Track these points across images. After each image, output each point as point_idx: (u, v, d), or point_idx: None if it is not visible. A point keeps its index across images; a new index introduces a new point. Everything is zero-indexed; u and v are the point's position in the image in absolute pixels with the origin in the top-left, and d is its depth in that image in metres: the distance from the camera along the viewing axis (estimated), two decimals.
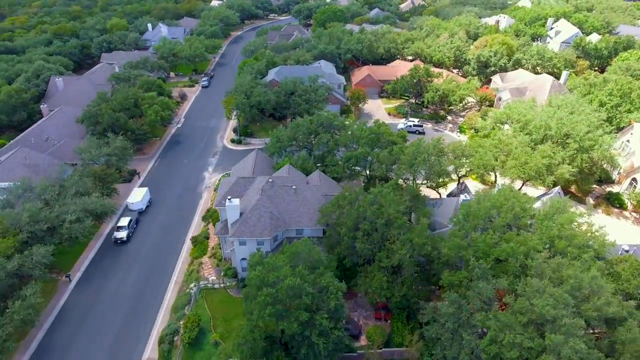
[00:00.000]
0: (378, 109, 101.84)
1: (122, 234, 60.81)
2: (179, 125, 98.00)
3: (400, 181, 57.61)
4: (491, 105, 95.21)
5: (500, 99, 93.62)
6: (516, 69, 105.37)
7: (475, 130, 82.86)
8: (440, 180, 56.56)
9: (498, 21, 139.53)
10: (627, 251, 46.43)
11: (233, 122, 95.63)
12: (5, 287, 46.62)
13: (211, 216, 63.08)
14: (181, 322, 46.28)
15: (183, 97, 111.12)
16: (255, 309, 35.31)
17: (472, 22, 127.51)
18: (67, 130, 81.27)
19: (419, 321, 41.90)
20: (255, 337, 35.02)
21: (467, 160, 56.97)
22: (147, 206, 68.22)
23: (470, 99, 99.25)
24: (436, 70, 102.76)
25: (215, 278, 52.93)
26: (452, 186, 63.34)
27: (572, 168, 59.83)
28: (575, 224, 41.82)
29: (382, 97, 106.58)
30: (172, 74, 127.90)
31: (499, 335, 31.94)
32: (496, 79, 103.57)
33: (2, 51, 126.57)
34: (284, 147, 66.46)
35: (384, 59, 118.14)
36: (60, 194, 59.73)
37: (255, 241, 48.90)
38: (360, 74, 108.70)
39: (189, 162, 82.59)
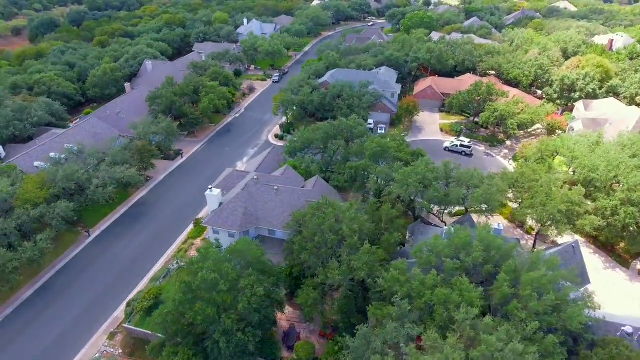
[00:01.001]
0: (433, 123, 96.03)
1: None
2: (237, 115, 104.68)
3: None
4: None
5: (572, 129, 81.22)
6: (610, 97, 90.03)
7: (525, 160, 73.38)
8: (435, 207, 51.90)
9: (612, 40, 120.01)
10: (629, 334, 37.49)
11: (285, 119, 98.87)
12: (30, 230, 56.04)
13: None
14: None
15: (251, 89, 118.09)
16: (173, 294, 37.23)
17: (573, 38, 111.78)
18: (138, 108, 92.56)
19: None
20: (167, 320, 36.98)
21: (472, 191, 51.15)
22: None
23: (539, 125, 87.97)
24: (506, 88, 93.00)
25: None
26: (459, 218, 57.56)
27: (612, 221, 49.94)
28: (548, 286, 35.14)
29: (442, 111, 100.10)
30: (252, 67, 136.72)
31: None
32: (580, 106, 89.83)
33: (122, 35, 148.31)
34: (298, 149, 67.14)
35: (458, 71, 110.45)
36: (102, 161, 69.15)
37: (227, 232, 50.91)
38: (423, 84, 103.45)
39: (230, 150, 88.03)
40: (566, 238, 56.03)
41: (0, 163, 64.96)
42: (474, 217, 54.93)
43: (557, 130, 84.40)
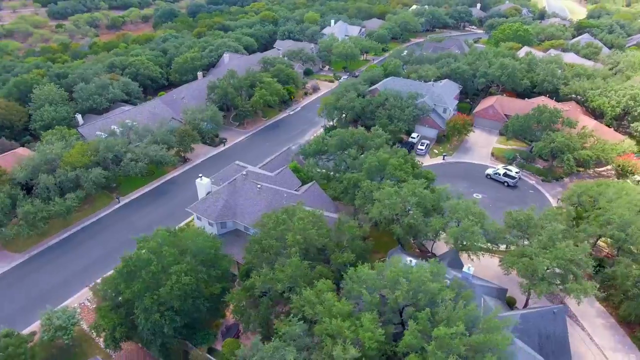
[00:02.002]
0: (486, 146, 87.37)
1: None
2: (291, 113, 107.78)
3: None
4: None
5: None
6: None
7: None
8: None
9: None
10: None
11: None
12: (67, 188, 65.52)
13: None
14: None
15: (315, 89, 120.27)
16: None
17: None
18: (200, 95, 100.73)
19: None
20: (105, 287, 40.79)
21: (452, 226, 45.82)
22: None
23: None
24: (584, 117, 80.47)
25: None
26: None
27: (634, 294, 40.75)
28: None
29: (502, 134, 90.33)
30: (326, 68, 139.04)
31: None
32: None
33: (219, 27, 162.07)
34: (312, 152, 67.11)
35: (536, 92, 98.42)
36: (144, 138, 77.29)
37: (207, 220, 53.58)
38: (486, 102, 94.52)
39: (270, 145, 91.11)
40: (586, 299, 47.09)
41: (68, 130, 76.37)
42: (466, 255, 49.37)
43: (632, 175, 70.60)
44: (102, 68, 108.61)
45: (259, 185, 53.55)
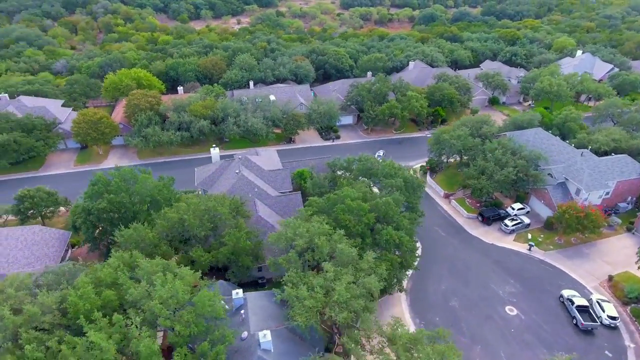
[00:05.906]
0: (616, 264, 57.82)
1: None
2: (428, 135, 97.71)
3: None
4: None
5: None
6: None
7: None
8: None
9: None
10: None
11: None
12: (184, 128, 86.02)
13: None
14: None
15: None
16: None
17: None
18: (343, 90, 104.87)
19: None
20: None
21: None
22: None
23: None
24: None
25: None
26: None
27: None
28: None
29: None
30: (527, 103, 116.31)
31: None
32: None
33: (448, 37, 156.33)
34: (337, 167, 63.97)
35: None
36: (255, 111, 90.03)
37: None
38: None
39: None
40: None
41: (218, 88, 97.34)
42: None
43: None
44: (305, 52, 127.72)
45: (237, 171, 57.43)
